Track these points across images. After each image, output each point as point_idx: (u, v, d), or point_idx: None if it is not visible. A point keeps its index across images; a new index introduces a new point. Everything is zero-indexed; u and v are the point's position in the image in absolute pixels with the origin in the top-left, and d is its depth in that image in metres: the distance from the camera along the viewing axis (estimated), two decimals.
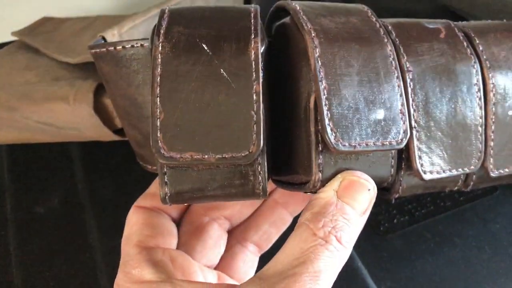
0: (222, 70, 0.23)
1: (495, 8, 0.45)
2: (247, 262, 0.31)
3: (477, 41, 0.28)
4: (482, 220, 0.40)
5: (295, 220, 0.25)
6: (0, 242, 0.40)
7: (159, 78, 0.23)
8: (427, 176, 0.25)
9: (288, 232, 0.24)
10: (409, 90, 0.25)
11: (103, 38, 0.40)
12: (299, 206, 0.32)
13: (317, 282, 0.21)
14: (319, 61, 0.23)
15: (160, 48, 0.23)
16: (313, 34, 0.24)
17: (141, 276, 0.25)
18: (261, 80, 0.23)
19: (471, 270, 0.37)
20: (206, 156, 0.22)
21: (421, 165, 0.25)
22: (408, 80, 0.25)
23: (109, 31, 0.42)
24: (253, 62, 0.23)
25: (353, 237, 0.23)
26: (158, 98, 0.22)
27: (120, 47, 0.26)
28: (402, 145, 0.24)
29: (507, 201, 0.41)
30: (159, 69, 0.23)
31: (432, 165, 0.25)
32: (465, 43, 0.27)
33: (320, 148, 0.23)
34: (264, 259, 0.29)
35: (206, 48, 0.23)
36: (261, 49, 0.24)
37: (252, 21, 0.25)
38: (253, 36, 0.24)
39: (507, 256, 0.38)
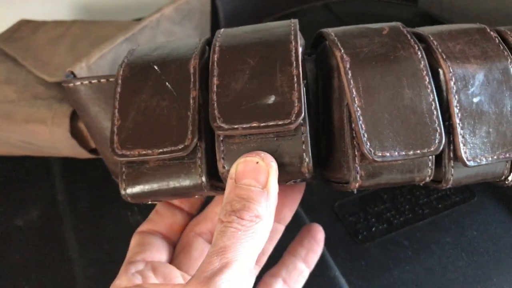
0: (167, 82, 0.28)
1: (472, 16, 0.45)
2: None
3: (431, 38, 0.29)
4: (459, 227, 0.40)
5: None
6: None
7: (118, 95, 0.28)
8: (377, 158, 0.26)
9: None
10: (349, 76, 0.27)
11: (72, 73, 0.41)
12: (288, 214, 0.33)
13: (224, 256, 0.23)
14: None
15: (121, 72, 0.29)
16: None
17: (119, 285, 0.28)
18: (197, 87, 0.27)
19: (448, 278, 0.38)
20: (150, 151, 0.26)
21: (370, 147, 0.26)
22: (348, 70, 0.27)
23: (78, 65, 0.42)
24: (192, 74, 0.28)
25: (260, 210, 0.24)
26: (116, 109, 0.28)
27: (79, 83, 0.31)
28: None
29: (484, 208, 0.42)
30: (119, 88, 0.28)
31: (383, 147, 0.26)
32: (408, 36, 0.29)
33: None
34: None
35: (156, 68, 0.29)
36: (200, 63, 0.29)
37: (196, 46, 0.30)
38: (194, 54, 0.29)
39: (484, 263, 0.38)
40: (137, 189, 0.28)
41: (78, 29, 0.53)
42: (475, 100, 0.27)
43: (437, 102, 0.27)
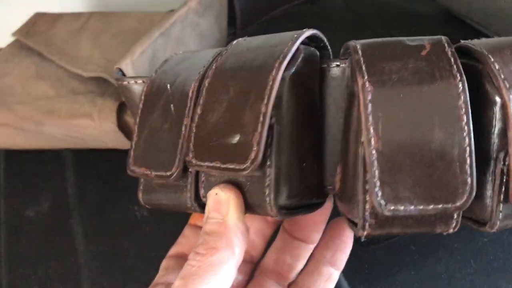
0: (172, 104, 0.28)
1: (490, 12, 0.43)
2: None
3: (492, 59, 0.24)
4: (469, 233, 0.39)
5: None
6: None
7: (140, 111, 0.29)
8: (388, 212, 0.23)
9: None
10: (369, 111, 0.23)
11: (120, 70, 0.42)
12: (314, 234, 0.33)
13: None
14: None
15: (145, 88, 0.30)
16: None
17: None
18: (191, 114, 0.26)
19: (455, 285, 0.37)
20: (149, 172, 0.27)
21: (382, 198, 0.23)
22: (368, 102, 0.23)
23: (123, 62, 0.44)
24: (189, 99, 0.27)
25: (217, 242, 0.24)
26: (136, 126, 0.29)
27: (133, 81, 0.33)
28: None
29: None
30: (141, 104, 0.29)
31: (397, 198, 0.23)
32: (452, 60, 0.24)
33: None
34: None
35: (168, 87, 0.28)
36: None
37: (203, 68, 0.28)
38: (199, 74, 0.27)
39: (493, 272, 0.37)
40: (149, 198, 0.29)
41: (97, 22, 0.54)
42: None
43: (473, 148, 0.23)
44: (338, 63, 0.28)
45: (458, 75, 0.23)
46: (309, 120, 0.27)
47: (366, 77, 0.24)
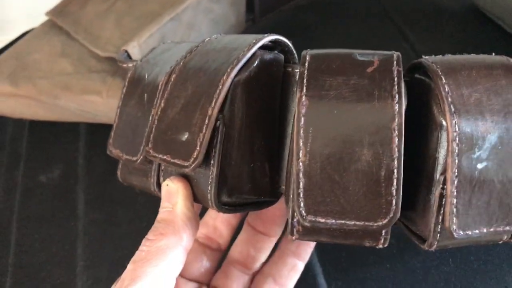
0: (146, 94, 0.29)
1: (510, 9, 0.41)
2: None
3: (444, 80, 0.23)
4: None
5: None
6: (7, 205, 0.46)
7: (122, 95, 0.31)
8: (307, 222, 0.24)
9: None
10: (301, 124, 0.23)
11: (126, 51, 0.46)
12: (277, 228, 0.34)
13: (128, 278, 0.24)
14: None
15: (129, 75, 0.31)
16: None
17: None
18: (157, 105, 0.27)
19: (429, 281, 0.36)
20: (121, 154, 0.29)
21: (303, 208, 0.24)
22: (301, 116, 0.24)
23: (130, 44, 0.48)
24: (158, 91, 0.28)
25: (165, 228, 0.26)
26: (118, 109, 0.31)
27: (125, 65, 0.34)
28: None
29: None
30: (124, 89, 0.31)
31: (318, 211, 0.23)
32: (395, 79, 0.23)
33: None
34: None
35: (146, 76, 0.30)
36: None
37: (177, 60, 0.29)
38: (167, 71, 0.28)
39: (470, 272, 0.36)
40: (124, 178, 0.31)
41: (122, 4, 0.57)
42: (480, 166, 0.23)
43: (401, 171, 0.23)
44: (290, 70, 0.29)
45: (397, 96, 0.23)
46: (263, 123, 0.27)
47: (304, 91, 0.24)
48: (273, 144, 0.28)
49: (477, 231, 0.23)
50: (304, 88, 0.24)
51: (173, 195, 0.27)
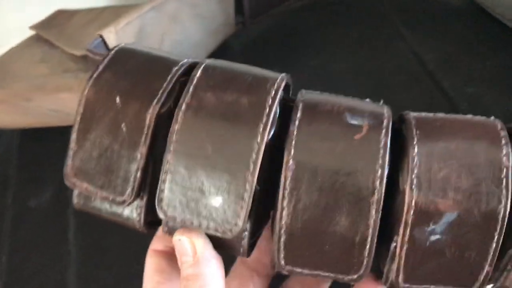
0: (123, 124, 0.25)
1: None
2: None
3: (416, 150, 0.24)
4: None
5: None
6: None
7: (79, 116, 0.26)
8: (285, 271, 0.25)
9: None
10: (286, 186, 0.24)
11: (101, 37, 0.43)
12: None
13: None
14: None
15: (87, 89, 0.26)
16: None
17: None
18: (148, 143, 0.25)
19: None
20: (95, 190, 0.26)
21: (282, 259, 0.25)
22: (287, 180, 0.24)
23: (106, 29, 0.44)
24: (146, 127, 0.25)
25: (195, 284, 0.25)
26: (76, 130, 0.26)
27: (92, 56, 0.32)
28: None
29: None
30: (81, 108, 0.26)
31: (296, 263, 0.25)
32: (381, 152, 0.23)
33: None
34: None
35: (118, 100, 0.26)
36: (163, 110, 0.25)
37: (165, 83, 0.26)
38: (155, 102, 0.25)
39: None
40: (85, 205, 0.28)
41: (108, 14, 0.55)
42: (432, 238, 0.23)
43: (375, 238, 0.24)
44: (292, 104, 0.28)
45: (379, 171, 0.23)
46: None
47: (291, 154, 0.24)
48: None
49: (424, 286, 0.25)
50: (292, 150, 0.24)
51: (189, 247, 0.26)
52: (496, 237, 0.23)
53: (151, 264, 0.30)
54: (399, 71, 0.50)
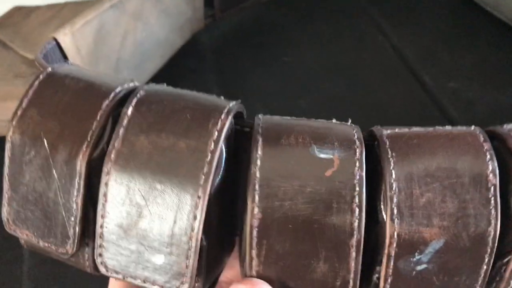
0: (54, 171, 0.23)
1: None
2: None
3: (393, 176, 0.21)
4: None
5: None
6: None
7: (8, 159, 0.24)
8: None
9: None
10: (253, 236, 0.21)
11: (55, 39, 0.40)
12: None
13: None
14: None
15: (12, 130, 0.24)
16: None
17: None
18: (82, 191, 0.23)
19: None
20: (36, 240, 0.24)
21: None
22: (254, 229, 0.21)
23: (61, 31, 0.41)
24: (78, 174, 0.22)
25: None
26: (7, 176, 0.24)
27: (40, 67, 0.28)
28: None
29: None
30: (9, 152, 0.24)
31: None
32: (356, 190, 0.21)
33: None
34: None
35: (46, 143, 0.23)
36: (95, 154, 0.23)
37: (95, 123, 0.23)
38: (85, 146, 0.23)
39: None
40: (32, 246, 0.26)
41: (68, 11, 0.52)
42: (419, 268, 0.21)
43: (357, 280, 0.22)
44: (248, 129, 0.25)
45: (357, 211, 0.21)
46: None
47: (256, 201, 0.21)
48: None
49: None
50: (256, 197, 0.21)
51: None
52: (487, 259, 0.21)
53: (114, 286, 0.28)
54: (377, 66, 0.47)
